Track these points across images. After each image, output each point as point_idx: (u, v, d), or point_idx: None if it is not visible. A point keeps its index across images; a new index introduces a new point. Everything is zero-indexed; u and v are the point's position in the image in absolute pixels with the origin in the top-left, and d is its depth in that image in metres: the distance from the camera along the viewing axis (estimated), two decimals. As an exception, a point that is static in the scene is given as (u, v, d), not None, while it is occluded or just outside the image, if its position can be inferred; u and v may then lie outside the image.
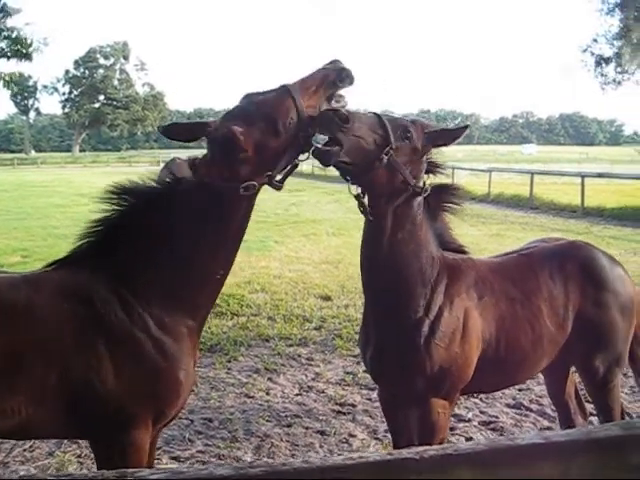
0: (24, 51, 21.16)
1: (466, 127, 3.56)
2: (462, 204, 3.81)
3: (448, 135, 3.55)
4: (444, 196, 3.71)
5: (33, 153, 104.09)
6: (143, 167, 32.58)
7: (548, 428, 5.74)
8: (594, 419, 4.96)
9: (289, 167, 3.17)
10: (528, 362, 4.02)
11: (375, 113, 3.37)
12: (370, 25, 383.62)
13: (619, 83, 18.91)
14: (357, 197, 3.45)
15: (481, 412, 6.04)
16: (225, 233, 3.10)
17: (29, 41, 22.02)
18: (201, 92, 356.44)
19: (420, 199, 3.50)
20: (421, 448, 1.63)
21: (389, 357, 3.64)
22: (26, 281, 3.11)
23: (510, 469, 1.65)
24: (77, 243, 3.20)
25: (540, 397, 6.19)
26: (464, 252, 3.92)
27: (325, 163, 3.16)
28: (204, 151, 3.20)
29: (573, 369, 4.65)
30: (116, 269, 3.06)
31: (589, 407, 4.96)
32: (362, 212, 3.49)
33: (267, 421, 5.88)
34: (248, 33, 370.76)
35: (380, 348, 3.68)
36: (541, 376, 5.28)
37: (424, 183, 3.51)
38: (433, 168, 3.65)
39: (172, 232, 3.06)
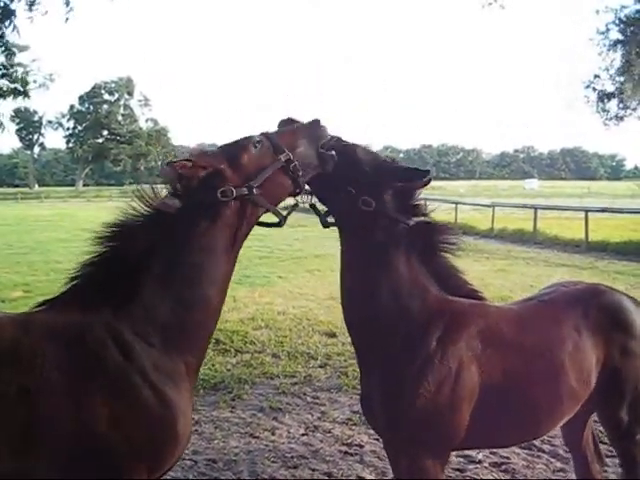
0: (21, 89, 21.29)
1: (427, 172, 3.46)
2: (457, 242, 3.62)
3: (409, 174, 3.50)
4: (433, 233, 3.56)
5: (37, 187, 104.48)
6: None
7: (561, 470, 5.60)
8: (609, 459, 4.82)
9: (290, 207, 3.38)
10: (543, 418, 3.75)
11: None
12: (373, 60, 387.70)
13: (621, 119, 18.99)
14: (311, 206, 3.59)
15: (492, 453, 5.89)
16: (215, 253, 3.03)
17: (29, 78, 22.20)
18: (204, 127, 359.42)
19: (386, 232, 3.42)
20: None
21: (375, 404, 3.47)
22: (13, 322, 2.95)
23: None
24: (69, 282, 3.08)
25: (552, 437, 6.02)
26: (478, 297, 3.71)
27: (325, 168, 3.35)
28: None
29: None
30: (110, 307, 2.91)
31: (604, 447, 4.81)
32: (321, 223, 3.66)
33: (273, 462, 5.74)
34: (250, 70, 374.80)
35: (368, 394, 3.54)
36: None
37: (398, 212, 3.45)
38: (415, 207, 3.55)
39: (162, 261, 2.97)
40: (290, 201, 3.47)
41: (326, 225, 3.62)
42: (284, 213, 3.35)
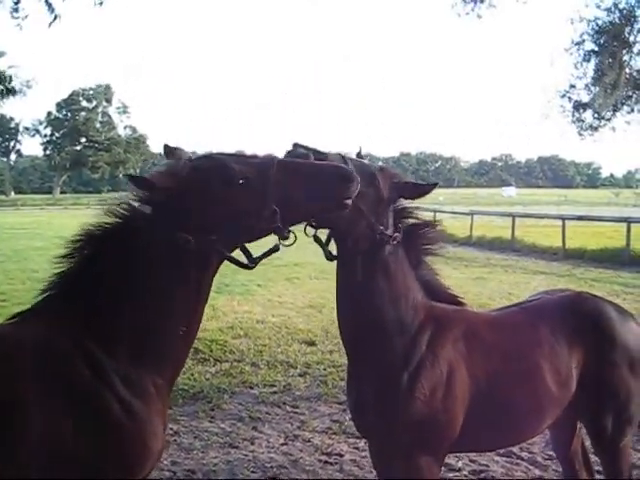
0: (7, 87, 21.05)
1: (435, 185, 3.59)
2: (440, 243, 3.68)
3: (416, 190, 3.54)
4: (420, 238, 3.60)
5: (13, 195, 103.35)
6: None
7: (539, 478, 5.63)
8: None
9: (269, 249, 3.03)
10: (526, 421, 3.82)
11: (342, 155, 3.32)
12: (351, 70, 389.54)
13: (596, 129, 19.17)
14: (315, 238, 3.50)
15: (471, 461, 5.90)
16: (186, 284, 2.88)
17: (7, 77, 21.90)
18: (183, 135, 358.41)
19: (390, 247, 3.43)
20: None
21: (370, 410, 3.51)
22: None
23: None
24: (42, 294, 2.99)
25: (531, 445, 6.05)
26: (459, 303, 3.78)
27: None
28: None
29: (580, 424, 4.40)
30: (79, 321, 2.82)
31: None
32: (325, 256, 3.57)
33: (252, 472, 5.71)
34: (230, 78, 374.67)
35: (361, 401, 3.56)
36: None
37: (395, 231, 3.45)
38: (405, 214, 3.58)
39: (131, 278, 2.85)
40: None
41: (331, 259, 3.56)
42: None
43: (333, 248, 3.58)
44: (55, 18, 11.05)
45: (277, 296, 14.24)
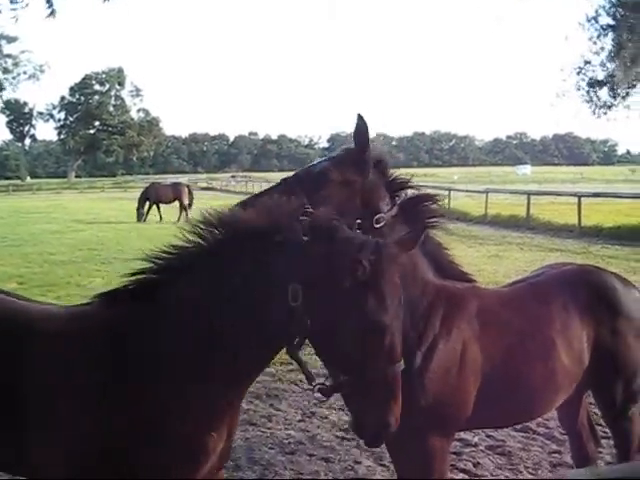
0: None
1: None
2: (441, 214, 3.62)
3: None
4: (420, 211, 3.52)
5: (29, 179, 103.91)
6: (138, 192, 32.49)
7: (556, 452, 5.65)
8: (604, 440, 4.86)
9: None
10: (541, 397, 3.82)
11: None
12: (367, 48, 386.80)
13: (609, 107, 18.87)
14: None
15: (487, 436, 5.94)
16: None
17: (19, 70, 21.93)
18: (196, 117, 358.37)
19: (387, 227, 3.36)
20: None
21: None
22: (65, 314, 3.01)
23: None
24: (130, 277, 2.94)
25: (547, 420, 6.06)
26: (469, 280, 3.76)
27: None
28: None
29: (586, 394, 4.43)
30: (156, 311, 2.80)
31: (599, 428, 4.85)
32: None
33: (270, 449, 5.78)
34: (242, 59, 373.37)
35: None
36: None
37: (391, 205, 3.43)
38: (399, 186, 3.54)
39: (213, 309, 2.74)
40: None
41: None
42: None
43: None
44: (52, 13, 10.93)
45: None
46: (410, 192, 3.62)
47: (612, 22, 17.25)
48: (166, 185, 33.50)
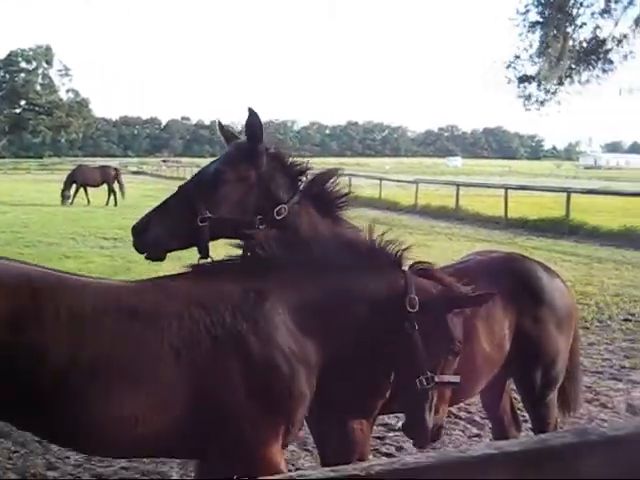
0: None
1: None
2: (347, 192, 3.55)
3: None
4: (325, 192, 3.45)
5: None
6: (66, 175, 31.48)
7: (477, 436, 5.81)
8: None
9: None
10: (462, 382, 3.69)
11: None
12: (300, 35, 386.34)
13: (542, 103, 19.24)
14: None
15: (410, 421, 6.04)
16: None
17: None
18: (128, 99, 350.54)
19: (291, 215, 3.32)
20: (366, 464, 1.56)
21: None
22: (154, 286, 3.06)
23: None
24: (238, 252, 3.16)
25: (468, 405, 6.23)
26: None
27: None
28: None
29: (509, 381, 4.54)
30: (270, 284, 3.01)
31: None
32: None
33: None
34: (177, 42, 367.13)
35: None
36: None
37: (293, 192, 3.37)
38: (298, 171, 3.45)
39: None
40: None
41: None
42: None
43: None
44: None
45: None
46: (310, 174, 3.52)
47: (540, 19, 17.65)
48: (94, 168, 32.68)
